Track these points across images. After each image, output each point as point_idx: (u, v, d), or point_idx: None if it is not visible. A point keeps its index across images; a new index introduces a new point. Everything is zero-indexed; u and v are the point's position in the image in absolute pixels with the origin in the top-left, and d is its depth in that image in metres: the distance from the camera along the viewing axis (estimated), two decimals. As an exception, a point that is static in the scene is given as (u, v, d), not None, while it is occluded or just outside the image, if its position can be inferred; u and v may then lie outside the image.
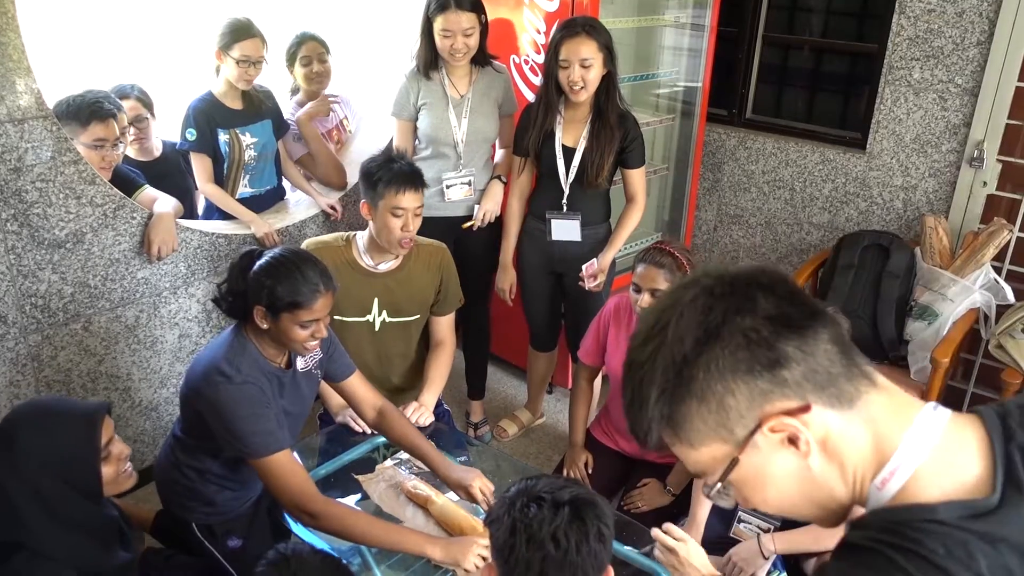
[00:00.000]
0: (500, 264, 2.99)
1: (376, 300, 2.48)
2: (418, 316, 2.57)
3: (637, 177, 2.79)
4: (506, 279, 2.98)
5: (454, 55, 2.75)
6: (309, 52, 3.34)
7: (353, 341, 2.46)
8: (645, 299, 2.31)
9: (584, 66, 2.55)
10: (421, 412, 2.40)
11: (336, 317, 2.40)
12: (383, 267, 2.47)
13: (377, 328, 2.52)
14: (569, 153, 2.73)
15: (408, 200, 2.34)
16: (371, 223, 2.42)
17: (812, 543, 2.02)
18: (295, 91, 3.44)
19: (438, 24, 2.72)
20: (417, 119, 2.91)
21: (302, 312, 1.87)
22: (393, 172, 2.35)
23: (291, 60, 3.36)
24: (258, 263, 1.90)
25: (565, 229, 2.82)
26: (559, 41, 2.56)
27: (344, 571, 1.61)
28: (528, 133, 2.75)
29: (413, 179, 2.36)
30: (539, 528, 1.20)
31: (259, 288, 1.86)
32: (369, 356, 2.53)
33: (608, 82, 2.64)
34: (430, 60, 2.83)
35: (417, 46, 2.86)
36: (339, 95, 3.52)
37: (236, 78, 2.86)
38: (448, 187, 2.92)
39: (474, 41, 2.76)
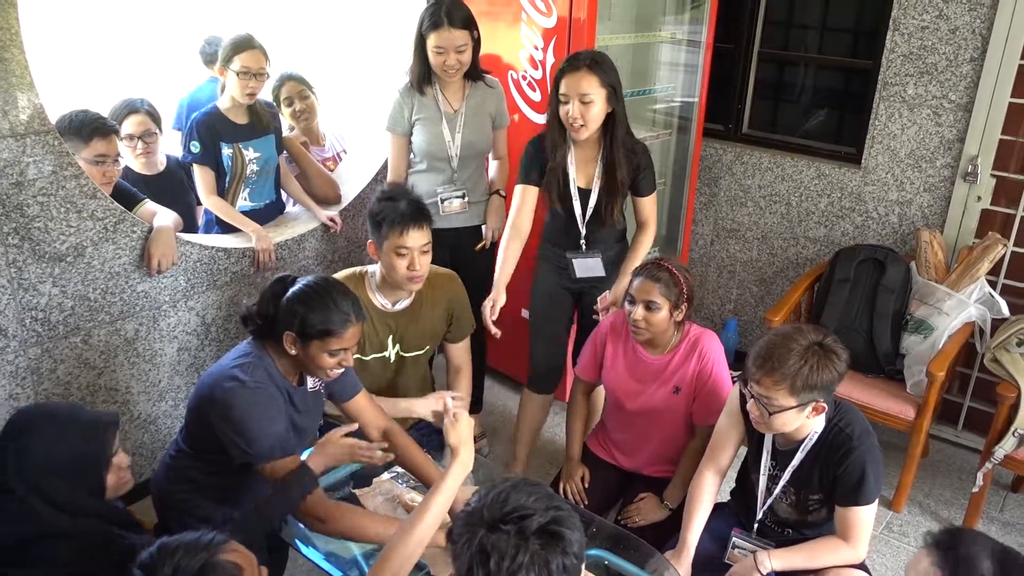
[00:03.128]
0: (495, 286, 2.65)
1: (391, 337, 2.46)
2: (428, 347, 2.56)
3: (649, 204, 2.72)
4: (496, 300, 2.62)
5: (447, 71, 2.77)
6: (290, 92, 3.42)
7: (369, 376, 2.44)
8: (639, 311, 2.31)
9: (584, 102, 2.44)
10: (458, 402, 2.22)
11: (355, 356, 2.32)
12: (397, 307, 2.44)
13: (392, 361, 2.50)
14: (584, 195, 2.65)
15: (412, 239, 2.28)
16: (379, 263, 2.39)
17: (807, 561, 2.03)
18: (291, 128, 3.49)
19: (431, 41, 2.73)
20: (412, 134, 2.92)
21: (333, 340, 1.89)
22: (396, 211, 2.28)
23: (276, 101, 3.43)
24: (291, 290, 1.92)
25: (588, 267, 2.75)
26: (560, 75, 2.48)
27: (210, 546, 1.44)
28: (540, 167, 2.63)
29: (417, 217, 2.29)
30: (498, 566, 1.15)
31: (291, 315, 1.88)
32: (383, 389, 2.51)
33: (613, 121, 2.53)
34: (423, 76, 2.84)
35: (410, 62, 2.87)
36: (337, 133, 3.61)
37: (239, 91, 2.88)
38: (443, 200, 2.94)
39: (467, 57, 2.78)
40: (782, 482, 2.06)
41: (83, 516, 1.64)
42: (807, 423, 1.96)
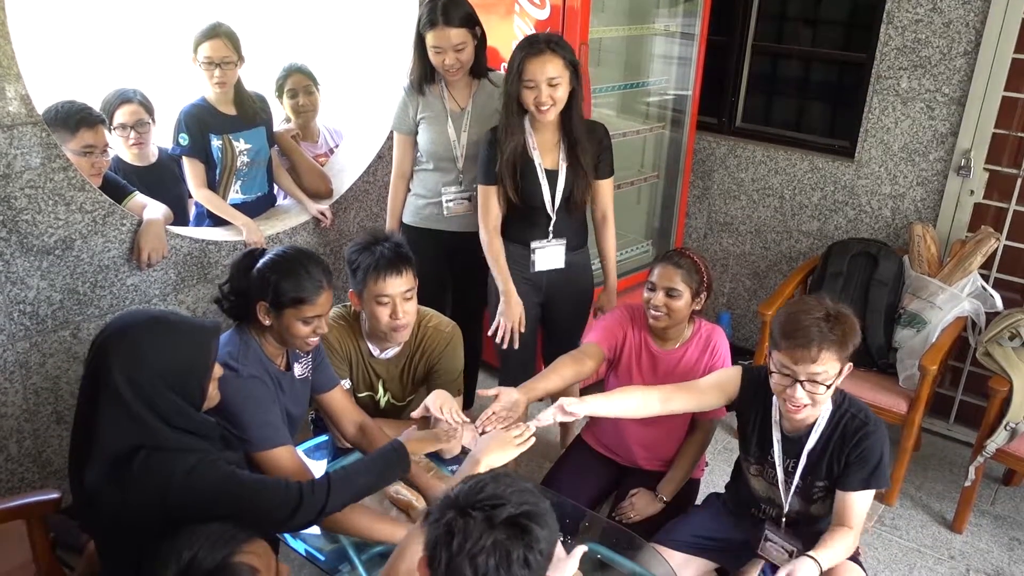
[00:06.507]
0: (504, 297, 2.61)
1: (380, 383, 2.41)
2: (419, 393, 2.46)
3: (607, 189, 2.67)
4: (515, 311, 2.61)
5: (448, 70, 2.69)
6: (295, 85, 3.37)
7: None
8: (659, 297, 2.28)
9: (551, 84, 2.40)
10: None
11: (344, 384, 2.29)
12: (386, 355, 2.36)
13: (382, 406, 2.44)
14: (552, 176, 2.58)
15: (392, 286, 2.15)
16: (363, 312, 2.27)
17: (840, 553, 2.00)
18: (287, 120, 3.45)
19: (429, 40, 2.66)
20: (417, 133, 2.86)
21: (306, 308, 1.88)
22: (374, 257, 2.15)
23: (279, 92, 3.39)
24: (261, 260, 1.92)
25: (549, 257, 2.68)
26: (522, 60, 2.41)
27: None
28: (499, 160, 2.54)
29: (395, 262, 2.16)
30: (460, 548, 1.16)
31: (263, 284, 1.87)
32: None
33: (573, 99, 2.49)
34: (424, 75, 2.78)
35: (411, 62, 2.81)
36: (331, 127, 3.57)
37: (207, 82, 2.85)
38: (447, 202, 2.87)
39: (467, 55, 2.69)
40: (799, 471, 2.03)
41: (181, 430, 1.60)
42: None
